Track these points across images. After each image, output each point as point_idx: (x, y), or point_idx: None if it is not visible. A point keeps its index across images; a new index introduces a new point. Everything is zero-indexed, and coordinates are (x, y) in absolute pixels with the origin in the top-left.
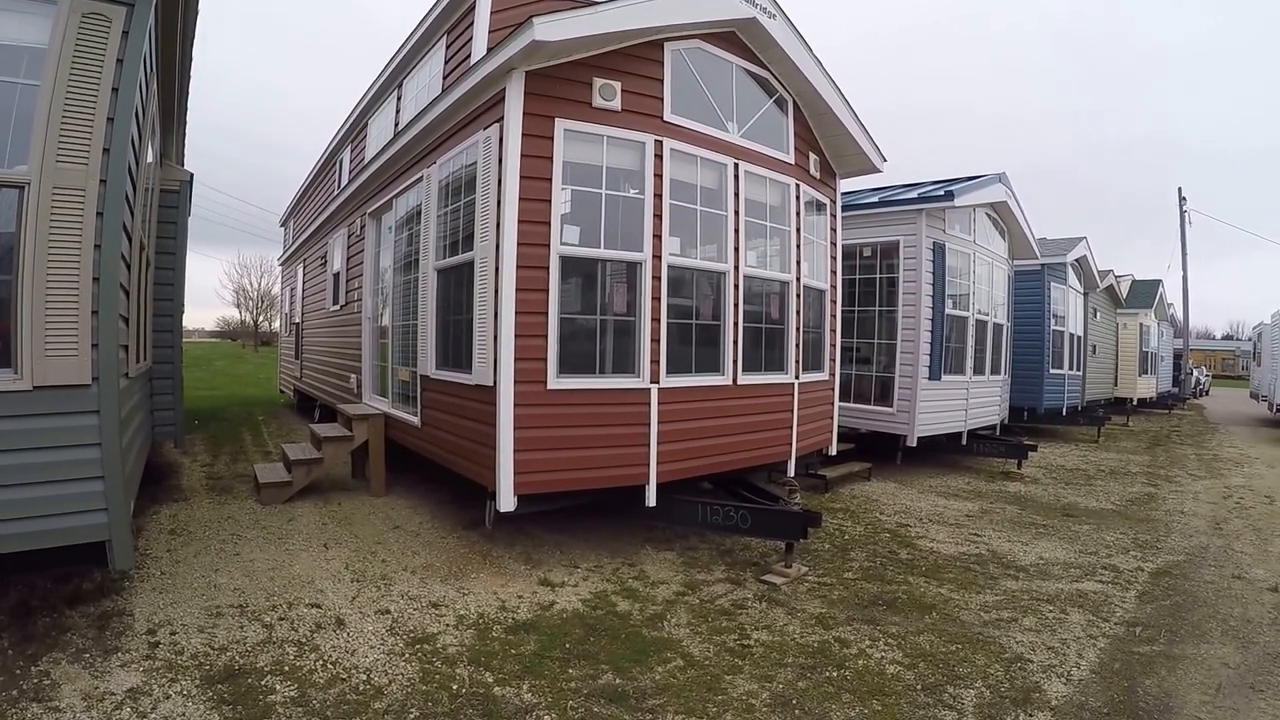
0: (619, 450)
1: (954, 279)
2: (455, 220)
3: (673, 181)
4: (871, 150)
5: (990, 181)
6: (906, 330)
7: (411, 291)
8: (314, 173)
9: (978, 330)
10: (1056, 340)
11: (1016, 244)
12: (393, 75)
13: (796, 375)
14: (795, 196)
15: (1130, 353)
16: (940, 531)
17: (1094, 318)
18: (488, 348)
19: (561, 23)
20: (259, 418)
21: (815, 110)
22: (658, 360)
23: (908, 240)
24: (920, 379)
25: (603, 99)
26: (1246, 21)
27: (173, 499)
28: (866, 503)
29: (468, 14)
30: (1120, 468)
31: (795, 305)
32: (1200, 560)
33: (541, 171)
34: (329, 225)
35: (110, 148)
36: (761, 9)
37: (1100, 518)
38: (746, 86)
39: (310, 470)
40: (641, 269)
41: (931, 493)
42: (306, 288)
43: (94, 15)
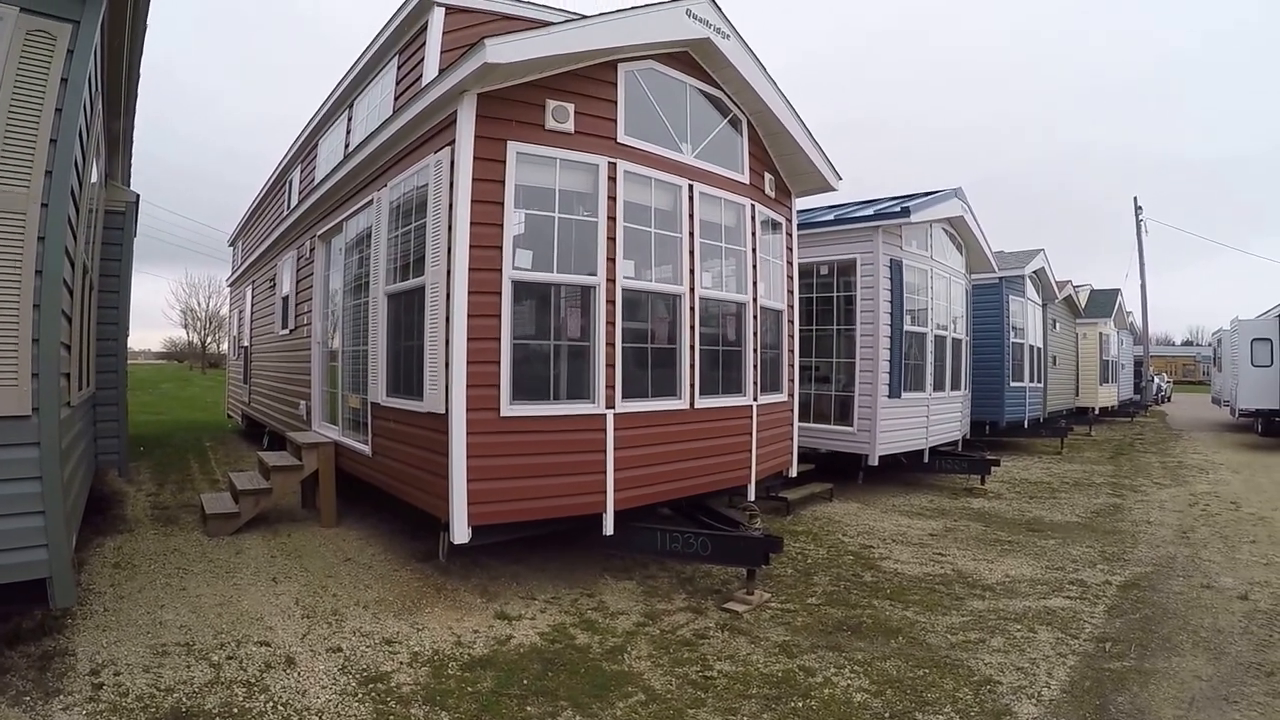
0: (575, 478)
1: (912, 295)
2: (406, 244)
3: (627, 204)
4: (826, 169)
5: (946, 197)
6: (865, 348)
7: (362, 316)
8: (263, 192)
9: (937, 346)
10: (1016, 353)
11: (974, 258)
12: (344, 95)
13: (755, 397)
14: (751, 217)
15: (1091, 362)
16: (904, 552)
17: (1053, 329)
18: (439, 375)
19: (514, 44)
20: (206, 444)
21: (770, 129)
22: (613, 385)
23: (865, 258)
24: (880, 397)
25: (556, 121)
26: (1200, 34)
27: (117, 530)
28: (829, 524)
29: (420, 34)
30: (1084, 479)
31: (752, 326)
32: (1168, 571)
33: (493, 195)
34: (278, 247)
35: (53, 170)
36: (715, 29)
37: (1066, 531)
38: (700, 106)
39: (259, 501)
40: (596, 293)
41: (894, 512)
42: (255, 310)
43: (38, 33)
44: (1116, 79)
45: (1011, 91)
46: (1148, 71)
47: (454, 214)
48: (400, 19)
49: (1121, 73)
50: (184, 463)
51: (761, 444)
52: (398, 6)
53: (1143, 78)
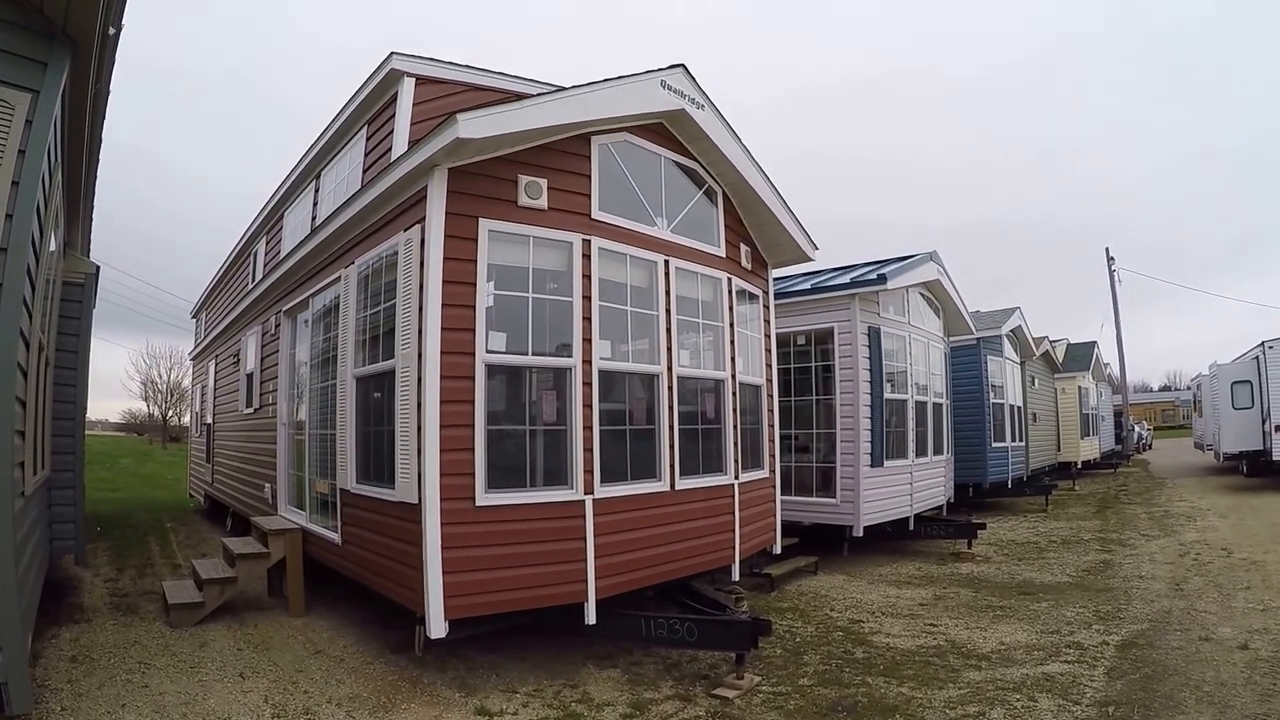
0: (555, 567)
1: (891, 362)
2: (375, 325)
3: (602, 282)
4: (803, 239)
5: (922, 261)
6: (845, 418)
7: (329, 398)
8: (227, 264)
9: (918, 411)
10: (997, 413)
11: (951, 320)
12: (311, 165)
13: (736, 475)
14: (728, 290)
15: (1071, 416)
16: (895, 624)
17: (1032, 385)
18: (411, 462)
19: (487, 118)
20: (167, 524)
21: (745, 201)
22: (591, 470)
23: (842, 326)
24: (862, 466)
25: (529, 197)
26: (1155, 82)
27: (74, 619)
28: (815, 599)
29: (389, 105)
30: (1072, 536)
31: (731, 403)
32: (1165, 626)
33: (465, 275)
34: (242, 321)
35: (8, 247)
36: (690, 100)
37: (1058, 592)
38: (675, 179)
39: (224, 590)
40: (571, 375)
41: (882, 582)
42: (218, 386)
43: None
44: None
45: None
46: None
47: (425, 294)
48: (369, 89)
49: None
50: (144, 545)
51: (744, 522)
52: (367, 76)
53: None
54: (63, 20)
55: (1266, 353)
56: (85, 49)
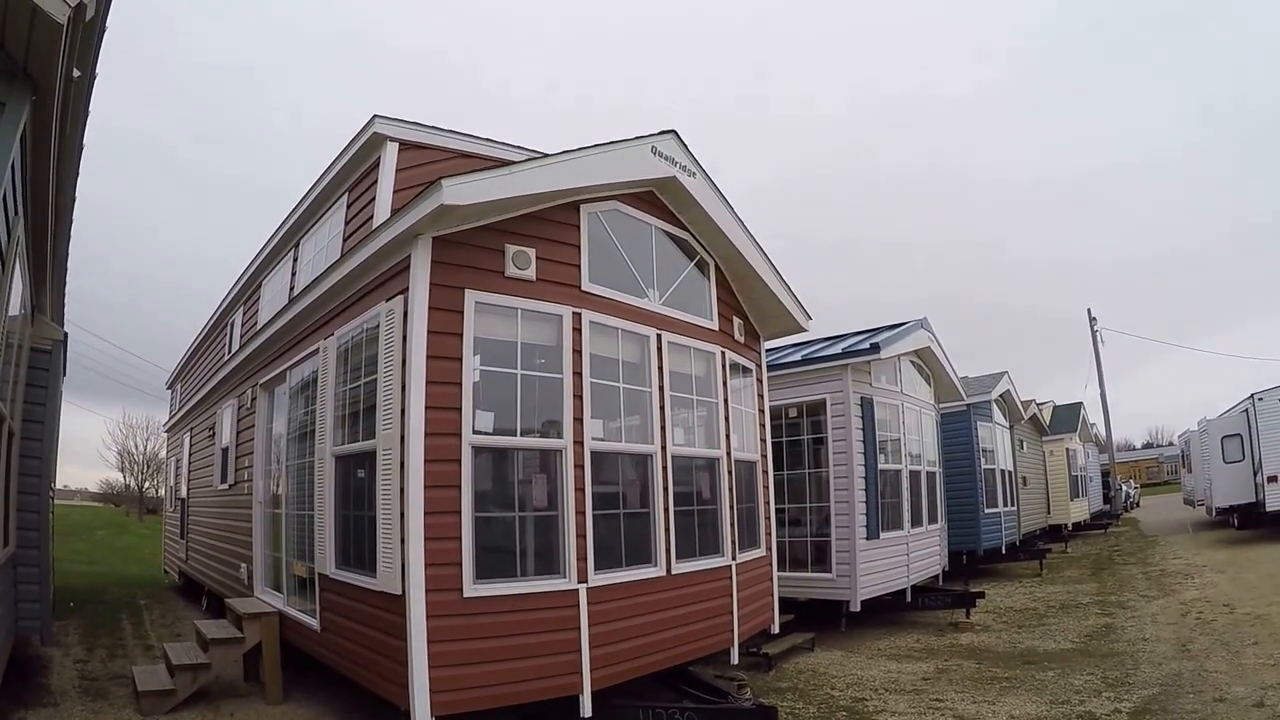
0: (548, 659)
1: (884, 431)
2: (355, 401)
3: (593, 357)
4: (797, 310)
5: (913, 329)
6: (839, 490)
7: (307, 476)
8: (203, 334)
9: (912, 481)
10: (989, 479)
11: (942, 387)
12: (290, 233)
13: (733, 556)
14: (721, 365)
15: (1060, 479)
16: (899, 701)
17: (1021, 449)
18: (394, 551)
19: (473, 184)
20: (141, 601)
21: (737, 272)
22: (584, 557)
23: (834, 397)
24: (858, 539)
25: (516, 268)
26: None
27: (40, 702)
28: (814, 677)
29: (371, 171)
30: (1070, 600)
31: (727, 481)
32: (1176, 689)
33: (451, 350)
34: (218, 394)
35: None
36: (681, 167)
37: (1063, 660)
38: (666, 249)
39: (196, 677)
40: (562, 457)
41: (881, 657)
42: (194, 460)
43: None
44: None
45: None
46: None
47: (408, 370)
48: (351, 154)
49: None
50: (116, 623)
51: (743, 604)
52: (348, 140)
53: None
54: (24, 58)
55: (1256, 404)
56: (48, 93)
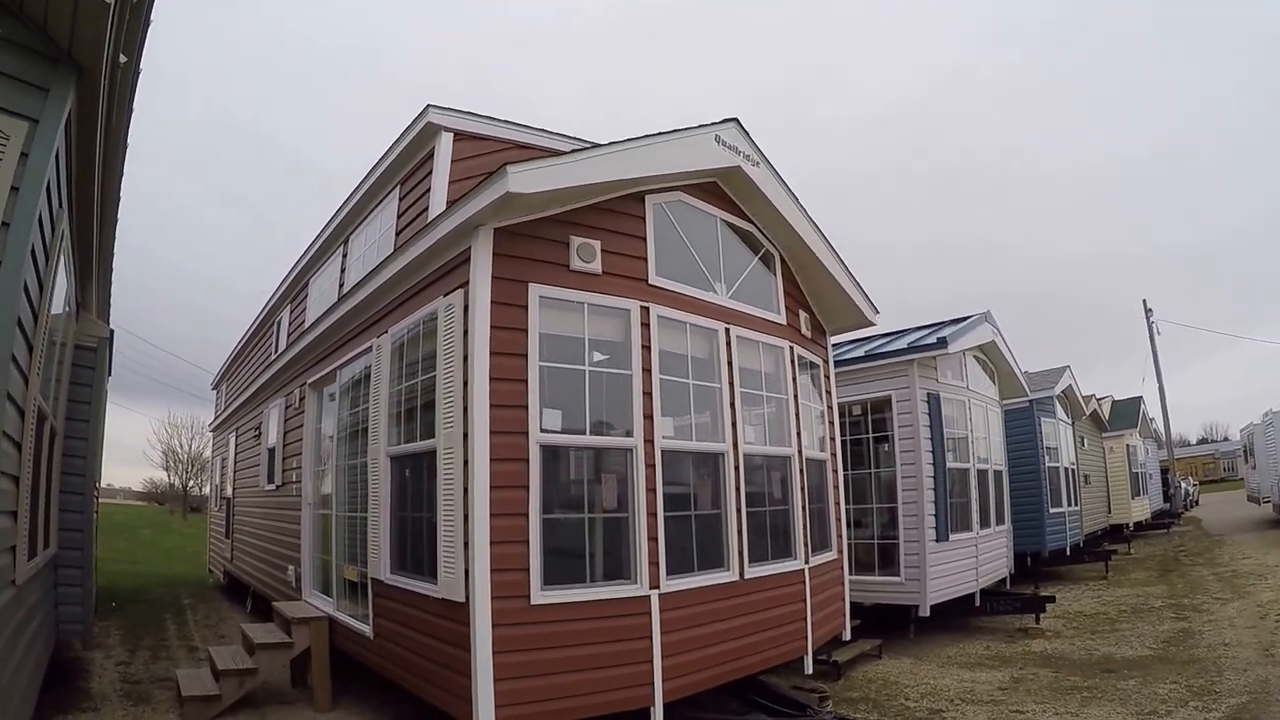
0: (618, 670)
1: (950, 429)
2: (412, 400)
3: (662, 353)
4: (864, 303)
5: (978, 323)
6: (908, 490)
7: (359, 478)
8: (249, 333)
9: (980, 480)
10: (1053, 477)
11: (1006, 383)
12: (338, 229)
13: (806, 559)
14: (790, 360)
15: (1121, 476)
16: (978, 713)
17: (1082, 446)
18: (457, 556)
19: (540, 172)
20: (185, 601)
21: (803, 264)
22: (656, 561)
23: (900, 394)
24: (927, 541)
25: (582, 260)
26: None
27: (80, 707)
28: (886, 687)
29: (425, 162)
30: (1141, 604)
31: (799, 481)
32: (1266, 697)
33: (516, 346)
34: (264, 393)
35: None
36: (745, 156)
37: (1142, 668)
38: (731, 242)
39: (243, 682)
40: (633, 456)
41: (952, 665)
42: (239, 460)
43: None
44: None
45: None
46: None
47: (470, 367)
48: (403, 146)
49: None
50: (159, 624)
51: (816, 609)
52: (400, 132)
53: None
54: (68, 42)
55: None
56: (93, 76)
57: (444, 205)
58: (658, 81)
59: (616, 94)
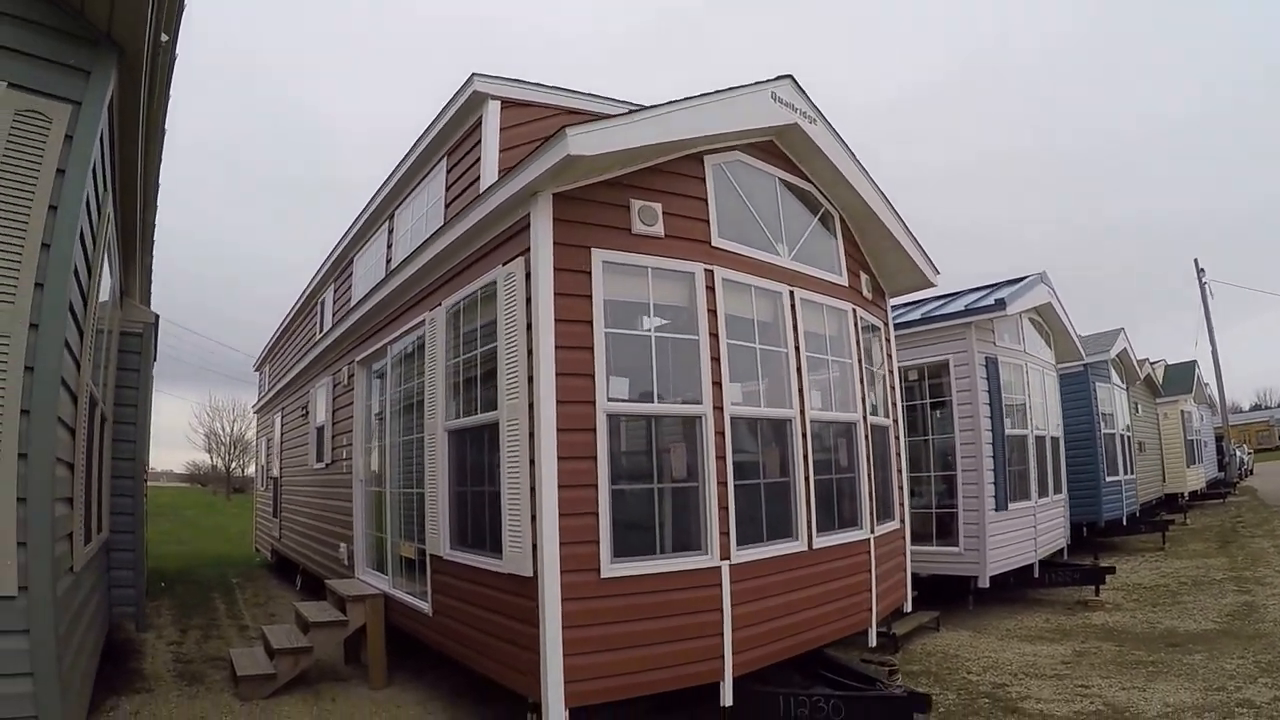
0: (688, 644)
1: (1009, 394)
2: (470, 372)
3: (727, 317)
4: (925, 264)
5: (1034, 283)
6: (966, 458)
7: (414, 454)
8: (292, 314)
9: (1038, 447)
10: (1109, 444)
11: (1061, 347)
12: (383, 205)
13: (872, 529)
14: (853, 323)
15: (1175, 444)
16: (1043, 688)
17: (1136, 413)
18: (523, 529)
19: (600, 133)
20: (233, 580)
21: (863, 224)
22: (727, 531)
23: (958, 358)
24: (987, 510)
25: (643, 223)
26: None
27: (134, 688)
28: (946, 660)
29: (473, 131)
30: (1201, 577)
31: (865, 448)
32: None
33: (580, 313)
34: (311, 373)
35: (45, 282)
36: (801, 113)
37: (1208, 642)
38: (790, 202)
39: (298, 660)
40: (702, 424)
41: (1012, 638)
42: (285, 440)
43: (30, 114)
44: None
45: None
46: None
47: (534, 336)
48: (449, 117)
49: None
50: (209, 603)
51: (880, 580)
52: (444, 103)
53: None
54: (107, 23)
55: None
56: (135, 58)
57: (496, 174)
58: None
59: (641, 62)
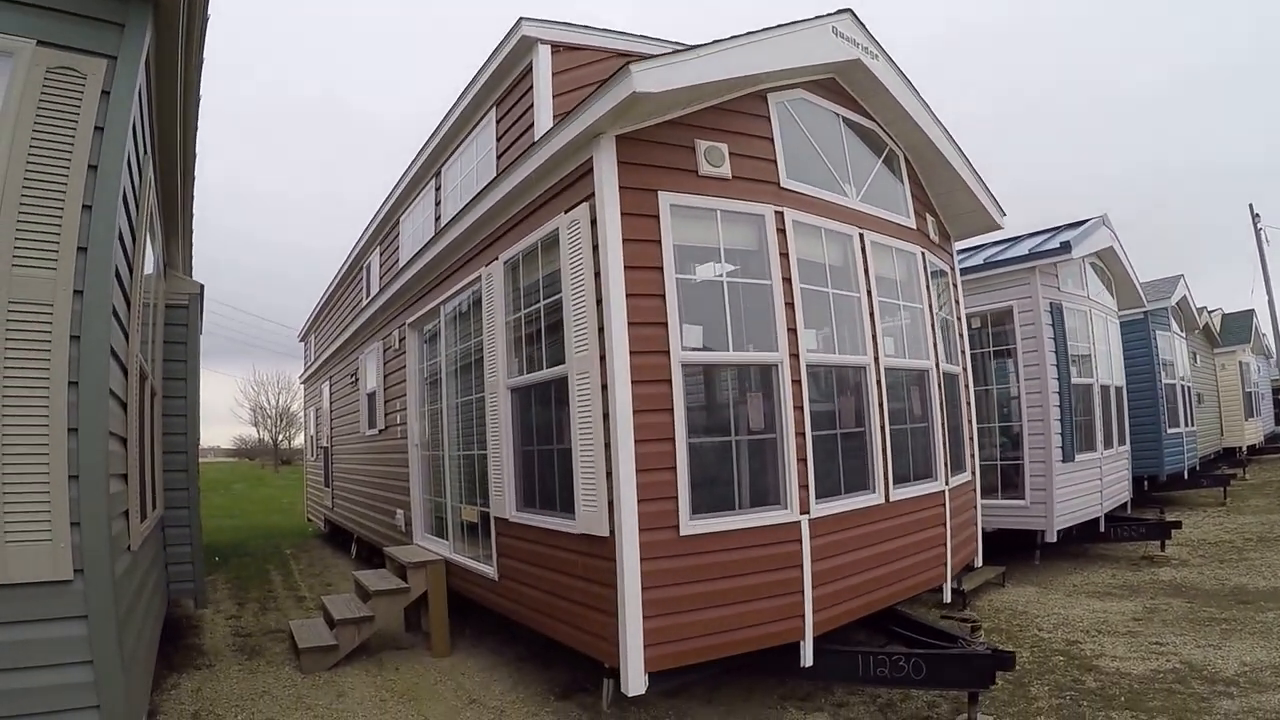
0: (768, 602)
1: (1073, 342)
2: (532, 327)
3: (799, 261)
4: (991, 205)
5: (1096, 226)
6: (1033, 407)
7: (473, 414)
8: (337, 281)
9: (1102, 397)
10: (1169, 395)
11: (1122, 293)
12: (429, 163)
13: (946, 480)
14: (922, 267)
15: (1233, 395)
16: (1116, 645)
17: (1195, 363)
18: (597, 487)
19: (664, 70)
20: (287, 551)
21: (927, 164)
22: (806, 484)
23: (1022, 304)
24: (1054, 462)
25: (710, 164)
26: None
27: (194, 664)
28: (1014, 616)
29: (522, 79)
30: (1267, 532)
31: (938, 397)
32: None
33: (650, 259)
34: (359, 339)
35: (88, 246)
36: (863, 49)
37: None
38: (854, 142)
39: (360, 630)
40: (779, 372)
41: (1079, 594)
42: (335, 408)
43: (64, 70)
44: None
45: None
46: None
47: (603, 284)
48: (497, 64)
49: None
50: (264, 575)
51: (954, 533)
52: (491, 51)
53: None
54: None
55: None
56: (170, 12)
57: (550, 121)
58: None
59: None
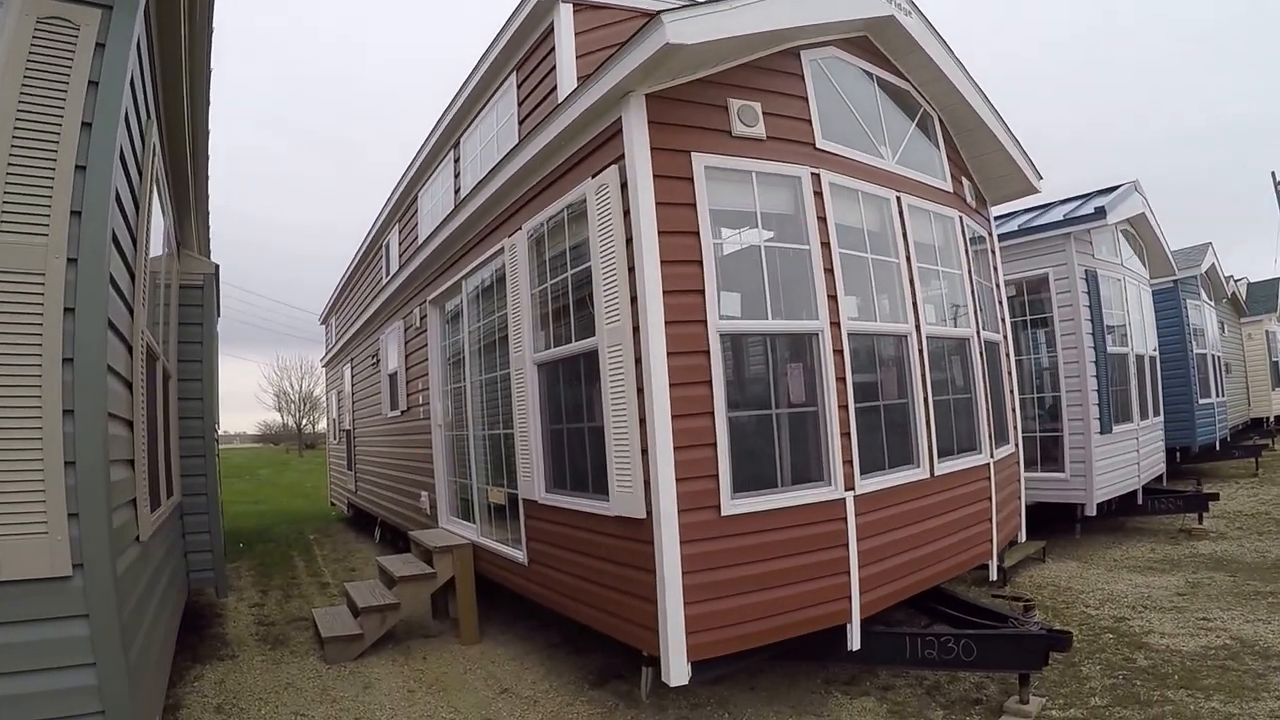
0: (813, 584)
1: (1109, 310)
2: (559, 299)
3: (837, 225)
4: (1028, 168)
5: (1128, 193)
6: (1070, 378)
7: (499, 393)
8: (355, 262)
9: (1137, 367)
10: (1200, 365)
11: (1154, 260)
12: (446, 134)
13: (991, 453)
14: (960, 232)
15: (1260, 365)
16: (1164, 621)
17: (1223, 332)
18: (633, 467)
19: (701, 19)
20: (310, 536)
21: (962, 126)
22: (850, 459)
23: (1058, 272)
24: (1092, 434)
25: (744, 124)
26: None
27: (216, 655)
28: (1058, 592)
29: (543, 41)
30: None
31: (980, 365)
32: None
33: (685, 223)
34: (379, 319)
35: (82, 209)
36: (897, 5)
37: None
38: (888, 103)
39: (385, 618)
40: (819, 341)
41: (1121, 569)
42: (357, 390)
43: (54, 20)
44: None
45: None
46: None
47: (635, 251)
48: (515, 27)
49: None
50: (288, 561)
51: (999, 508)
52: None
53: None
54: None
55: None
56: None
57: (574, 83)
58: None
59: None
